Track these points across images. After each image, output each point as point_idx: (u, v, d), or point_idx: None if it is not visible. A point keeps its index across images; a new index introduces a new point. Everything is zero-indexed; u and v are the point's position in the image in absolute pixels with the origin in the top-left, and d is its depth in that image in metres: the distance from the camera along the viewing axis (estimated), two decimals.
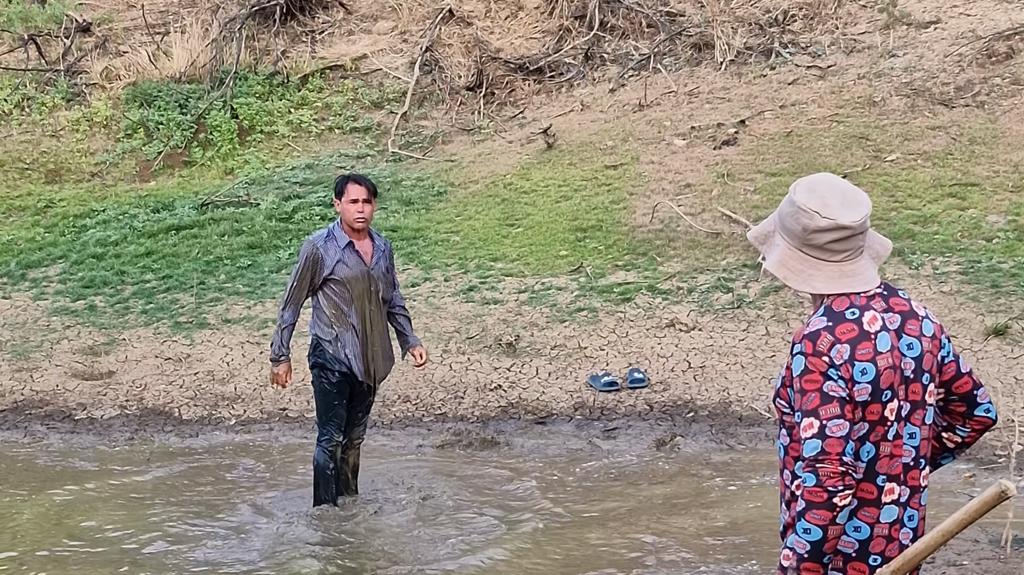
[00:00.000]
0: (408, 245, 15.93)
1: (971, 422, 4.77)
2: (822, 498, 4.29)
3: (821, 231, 4.45)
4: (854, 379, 4.38)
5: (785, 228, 4.54)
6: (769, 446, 11.93)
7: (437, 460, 12.06)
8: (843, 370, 4.37)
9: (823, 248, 4.47)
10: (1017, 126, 16.37)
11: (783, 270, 4.53)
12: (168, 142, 19.33)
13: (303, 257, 10.21)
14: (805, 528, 4.33)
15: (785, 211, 4.55)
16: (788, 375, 4.50)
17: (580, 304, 14.37)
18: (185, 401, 13.64)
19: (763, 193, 15.87)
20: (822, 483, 4.29)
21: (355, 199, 10.23)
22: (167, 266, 16.08)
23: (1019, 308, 13.16)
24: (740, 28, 19.77)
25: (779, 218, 4.59)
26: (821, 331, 4.40)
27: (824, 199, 4.46)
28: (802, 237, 4.48)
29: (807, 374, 4.37)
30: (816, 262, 4.49)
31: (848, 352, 4.38)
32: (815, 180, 4.55)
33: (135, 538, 10.01)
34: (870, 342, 4.42)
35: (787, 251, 4.53)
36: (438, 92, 20.18)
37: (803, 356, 4.40)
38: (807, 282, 4.49)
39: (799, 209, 4.48)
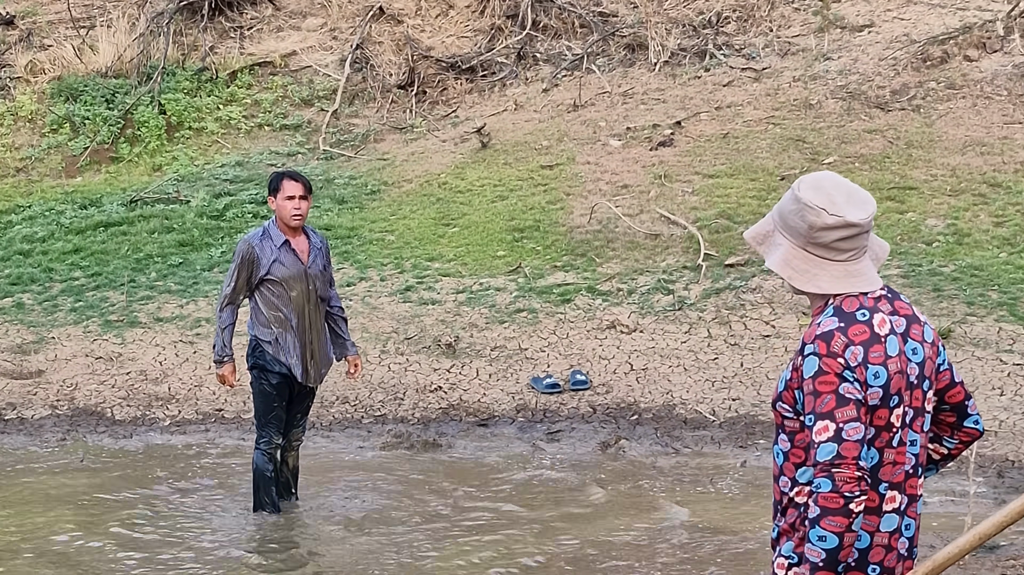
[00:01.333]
0: (342, 244, 15.72)
1: (959, 434, 4.66)
2: (838, 504, 4.15)
3: (828, 229, 4.31)
4: (868, 382, 4.25)
5: (788, 227, 4.39)
6: (715, 449, 11.86)
7: (378, 463, 11.87)
8: (858, 372, 4.24)
9: (829, 247, 4.34)
10: (953, 130, 16.41)
11: (788, 270, 4.39)
12: (95, 138, 19.00)
13: (238, 256, 10.01)
14: (820, 536, 4.18)
15: (788, 209, 4.39)
16: (796, 377, 4.35)
17: (519, 305, 14.23)
18: (118, 401, 13.37)
19: (701, 194, 15.81)
20: (839, 489, 4.15)
21: (291, 196, 10.04)
22: (96, 263, 15.79)
23: (961, 312, 13.16)
24: (674, 29, 19.71)
25: (780, 217, 4.43)
26: (834, 332, 4.27)
27: (831, 196, 4.33)
28: (807, 235, 4.35)
29: (821, 375, 4.23)
30: (821, 261, 4.36)
31: (862, 354, 4.25)
32: (820, 177, 4.42)
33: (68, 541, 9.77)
34: (881, 345, 4.29)
35: (791, 250, 4.39)
36: (369, 90, 19.98)
37: (817, 357, 4.25)
38: (812, 282, 4.36)
39: (805, 206, 4.33)
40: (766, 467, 11.12)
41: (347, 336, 10.56)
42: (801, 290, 4.41)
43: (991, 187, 15.29)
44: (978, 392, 12.10)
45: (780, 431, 4.48)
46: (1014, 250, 14.17)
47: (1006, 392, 12.14)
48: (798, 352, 4.34)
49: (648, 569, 9.01)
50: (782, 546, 4.45)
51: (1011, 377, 12.32)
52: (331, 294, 10.44)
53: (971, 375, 12.32)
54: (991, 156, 15.83)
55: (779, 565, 4.42)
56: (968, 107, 16.80)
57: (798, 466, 4.41)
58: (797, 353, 4.36)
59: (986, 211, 14.90)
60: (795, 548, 4.39)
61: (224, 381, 10.23)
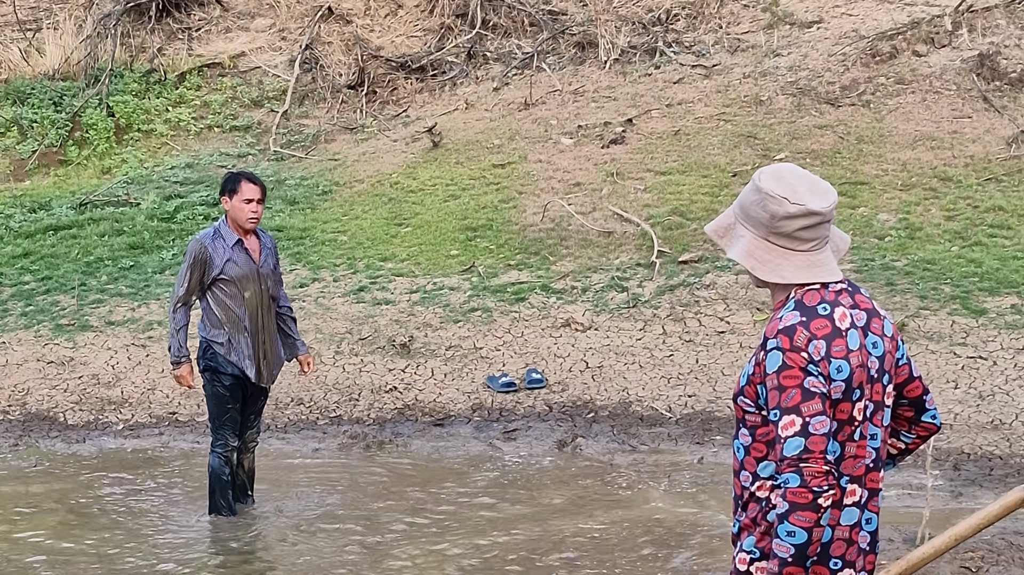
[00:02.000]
0: (295, 245, 15.65)
1: (917, 428, 4.65)
2: (807, 499, 4.13)
3: (791, 218, 4.30)
4: (831, 376, 4.24)
5: (750, 218, 4.38)
6: (672, 446, 11.85)
7: (334, 464, 11.81)
8: (821, 366, 4.22)
9: (791, 236, 4.33)
10: (903, 125, 16.47)
11: (750, 260, 4.37)
12: (43, 141, 18.86)
13: (190, 256, 9.92)
14: (789, 531, 4.15)
15: (750, 199, 4.38)
16: (759, 372, 4.32)
17: (474, 304, 14.20)
18: (70, 406, 13.26)
19: (653, 192, 15.81)
20: (807, 483, 4.13)
21: (249, 199, 9.98)
22: (46, 267, 15.65)
23: (914, 306, 13.21)
24: (623, 27, 19.72)
25: (741, 208, 4.42)
26: (796, 326, 4.25)
27: (792, 186, 4.33)
28: (770, 225, 4.34)
29: (786, 370, 4.21)
30: (784, 251, 4.35)
31: (825, 348, 4.24)
32: (780, 168, 4.42)
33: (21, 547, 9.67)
34: (843, 339, 4.28)
35: (753, 241, 4.38)
36: (319, 90, 19.91)
37: (780, 351, 4.23)
38: (776, 271, 4.35)
39: (767, 196, 4.32)
40: (723, 463, 11.13)
41: (297, 336, 10.51)
42: (764, 280, 4.39)
43: (942, 181, 15.36)
44: (933, 386, 12.15)
45: (741, 425, 4.45)
46: (965, 244, 14.24)
47: (960, 385, 12.19)
48: (760, 346, 4.32)
49: (608, 565, 8.98)
50: (743, 541, 4.42)
51: (965, 370, 12.37)
52: (280, 294, 10.39)
53: (925, 368, 12.36)
54: (941, 150, 15.90)
55: (741, 560, 4.40)
56: (917, 102, 16.87)
57: (759, 460, 4.38)
58: (759, 347, 4.33)
59: (937, 205, 14.97)
60: (757, 543, 4.37)
61: (182, 382, 10.15)
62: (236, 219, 9.98)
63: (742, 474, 4.46)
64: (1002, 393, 12.04)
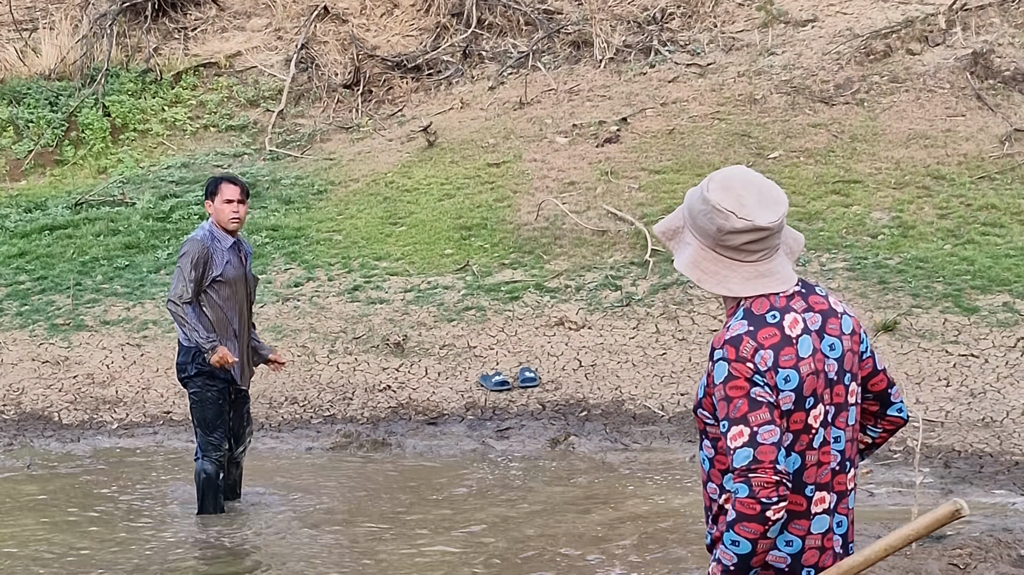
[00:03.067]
0: (289, 244, 15.69)
1: (883, 422, 4.56)
2: (755, 510, 4.07)
3: (737, 232, 4.19)
4: (778, 387, 4.16)
5: (697, 226, 4.26)
6: (664, 444, 11.89)
7: (328, 463, 11.85)
8: (768, 377, 4.14)
9: (738, 249, 4.22)
10: (897, 123, 16.50)
11: (696, 271, 4.26)
12: (38, 141, 18.89)
13: (192, 255, 9.88)
14: (734, 540, 4.10)
15: (697, 209, 4.26)
16: (709, 382, 4.28)
17: (468, 303, 14.23)
18: (65, 405, 13.30)
19: (647, 190, 15.84)
20: (755, 494, 4.06)
21: (229, 199, 10.01)
22: (41, 267, 15.69)
23: (907, 304, 13.24)
24: (618, 26, 19.75)
25: (689, 214, 4.31)
26: (743, 336, 4.17)
27: (740, 198, 4.21)
28: (716, 237, 4.22)
29: (732, 380, 4.15)
30: (731, 263, 4.24)
31: (772, 358, 4.16)
32: (730, 176, 4.28)
33: (16, 545, 9.69)
34: (792, 347, 4.19)
35: (700, 251, 4.26)
36: (315, 90, 19.94)
37: (726, 362, 4.16)
38: (722, 284, 4.24)
39: (713, 208, 4.20)
40: None
41: (259, 341, 10.56)
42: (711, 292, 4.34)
43: (935, 180, 15.39)
44: (924, 383, 12.19)
45: (704, 437, 4.39)
46: (958, 242, 14.26)
47: (952, 383, 12.22)
48: (709, 357, 4.27)
49: (603, 562, 9.00)
50: (716, 552, 4.41)
51: (957, 368, 12.40)
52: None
53: (917, 366, 12.40)
54: (934, 149, 15.93)
55: (714, 570, 4.39)
56: (911, 100, 16.89)
57: (724, 472, 4.31)
58: (708, 358, 4.29)
59: (930, 203, 14.99)
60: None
61: (225, 361, 10.08)
62: (219, 221, 10.02)
63: (709, 486, 4.41)
64: (993, 391, 12.07)
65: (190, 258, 9.90)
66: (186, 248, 10.01)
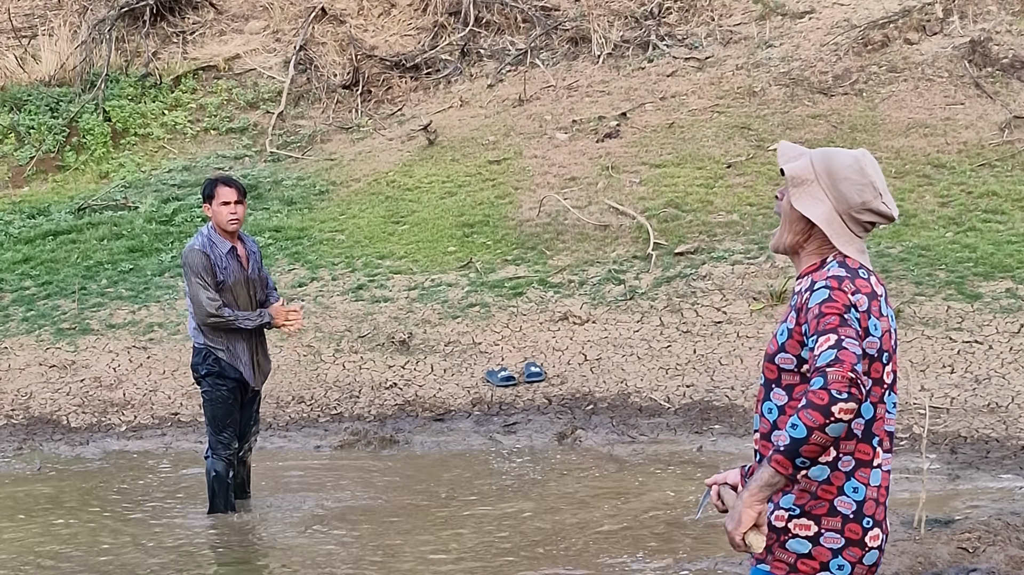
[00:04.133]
0: (293, 245, 15.73)
1: None
2: (823, 400, 4.14)
3: (873, 212, 4.48)
4: (869, 331, 4.39)
5: (837, 190, 4.49)
6: (671, 436, 11.94)
7: (336, 461, 11.89)
8: (861, 318, 4.36)
9: (861, 224, 4.49)
10: (896, 113, 16.55)
11: (830, 228, 4.49)
12: (40, 147, 18.92)
13: (198, 267, 9.89)
14: (793, 424, 4.17)
15: (846, 176, 4.49)
16: (800, 317, 4.42)
17: (472, 300, 14.28)
18: (73, 408, 13.34)
19: (648, 184, 15.88)
20: (828, 385, 4.15)
21: (226, 201, 10.05)
22: (46, 272, 15.74)
23: (910, 292, 13.28)
24: (616, 21, 19.79)
25: (828, 176, 4.52)
26: (844, 278, 4.39)
27: (883, 185, 4.52)
28: (854, 207, 4.48)
29: (830, 302, 4.32)
30: (849, 233, 4.50)
31: (866, 303, 4.39)
32: (874, 160, 4.58)
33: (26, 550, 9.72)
34: (878, 302, 4.45)
35: (832, 212, 4.50)
36: (314, 91, 19.97)
37: (828, 289, 4.35)
38: (848, 245, 4.49)
39: (869, 184, 4.47)
40: (723, 452, 11.23)
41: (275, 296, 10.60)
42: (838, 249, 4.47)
43: (935, 168, 15.44)
44: (929, 370, 12.24)
45: (774, 386, 4.51)
46: (960, 229, 14.31)
47: (956, 370, 12.27)
48: (806, 289, 4.43)
49: (613, 554, 9.04)
50: (780, 499, 4.48)
51: (961, 355, 12.45)
52: (268, 290, 10.48)
53: (922, 354, 12.45)
54: (934, 138, 15.97)
55: (778, 517, 4.47)
56: (910, 90, 16.94)
57: None
58: (804, 291, 4.44)
59: (931, 192, 15.04)
60: (796, 500, 4.44)
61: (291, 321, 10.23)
62: (218, 223, 10.05)
63: (775, 434, 4.52)
64: (998, 376, 12.12)
65: (198, 269, 9.92)
66: (187, 260, 10.01)
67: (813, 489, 4.42)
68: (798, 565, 4.43)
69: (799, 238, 4.56)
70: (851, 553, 4.43)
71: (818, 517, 4.41)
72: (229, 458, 10.16)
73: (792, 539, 4.45)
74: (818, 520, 4.41)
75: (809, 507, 4.41)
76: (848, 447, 4.41)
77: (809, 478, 4.42)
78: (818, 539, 4.41)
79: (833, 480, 4.41)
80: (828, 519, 4.42)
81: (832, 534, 4.42)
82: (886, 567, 7.89)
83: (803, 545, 4.43)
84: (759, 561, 4.53)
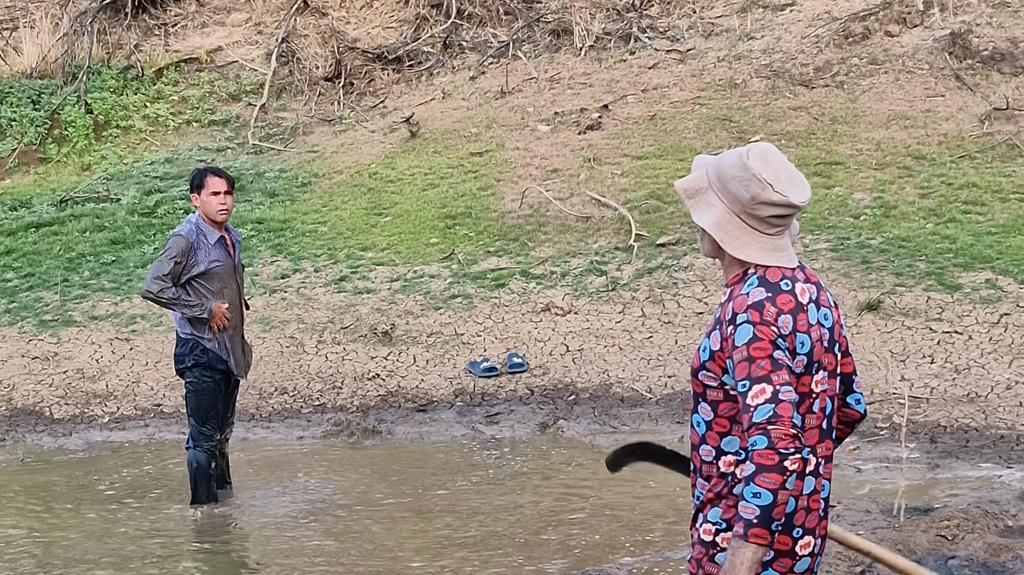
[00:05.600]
0: (275, 237, 15.75)
1: (839, 413, 4.71)
2: (773, 460, 4.19)
3: (769, 204, 4.37)
4: (796, 351, 4.33)
5: (727, 191, 4.41)
6: (652, 426, 11.97)
7: (319, 451, 11.91)
8: (788, 341, 4.30)
9: (763, 220, 4.39)
10: (877, 105, 16.60)
11: (721, 232, 4.41)
12: (22, 139, 18.91)
13: (174, 249, 9.92)
14: (755, 493, 4.19)
15: (732, 174, 4.41)
16: (727, 346, 4.35)
17: (454, 291, 14.31)
18: (55, 400, 13.35)
19: (630, 176, 15.92)
20: (774, 445, 4.18)
21: (216, 191, 10.08)
22: (28, 264, 15.74)
23: (890, 283, 13.34)
24: (598, 14, 19.82)
25: (718, 178, 4.44)
26: (764, 302, 4.32)
27: (777, 173, 4.38)
28: (746, 204, 4.39)
29: (756, 342, 4.27)
30: (752, 231, 4.41)
31: (791, 323, 4.32)
32: (766, 151, 4.44)
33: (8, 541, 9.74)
34: (805, 314, 4.37)
35: (725, 214, 4.42)
36: (296, 83, 19.98)
37: (751, 325, 4.28)
38: (742, 249, 4.40)
39: (754, 177, 4.36)
40: None
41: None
42: (731, 255, 4.44)
43: (916, 160, 15.49)
44: (909, 360, 12.30)
45: (701, 400, 4.51)
46: (940, 220, 14.37)
47: (936, 360, 12.33)
48: (728, 322, 4.37)
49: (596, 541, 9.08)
50: (707, 513, 4.49)
51: (941, 345, 12.51)
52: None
53: (902, 344, 12.51)
54: (915, 129, 16.03)
55: (706, 531, 4.46)
56: (891, 82, 16.99)
57: (722, 435, 4.45)
58: (726, 323, 4.37)
59: (911, 183, 15.10)
60: (723, 515, 4.44)
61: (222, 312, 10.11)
62: (207, 213, 10.08)
63: (703, 448, 4.52)
64: (978, 366, 12.18)
65: (172, 252, 9.95)
66: (170, 243, 10.05)
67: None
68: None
69: (712, 246, 4.50)
70: (781, 564, 4.44)
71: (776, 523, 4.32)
72: (211, 449, 10.19)
73: (720, 553, 4.42)
74: None
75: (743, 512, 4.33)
76: None
77: (734, 495, 4.41)
78: None
79: None
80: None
81: None
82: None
83: None
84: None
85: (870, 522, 8.84)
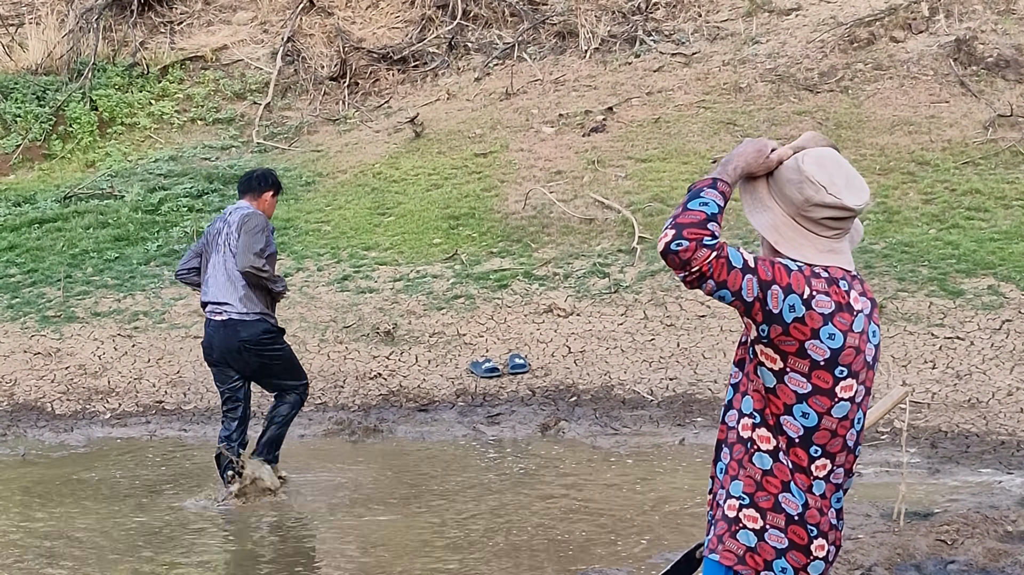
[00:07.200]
0: (278, 235, 15.72)
1: None
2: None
3: (822, 206, 4.42)
4: (820, 337, 4.34)
5: (782, 194, 4.48)
6: (653, 428, 11.98)
7: (320, 450, 11.92)
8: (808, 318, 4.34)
9: (817, 222, 4.44)
10: (881, 110, 16.61)
11: (775, 234, 4.47)
12: (26, 135, 18.94)
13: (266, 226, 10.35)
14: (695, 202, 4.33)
15: (786, 177, 4.46)
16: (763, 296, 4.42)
17: (457, 291, 14.32)
18: (57, 396, 13.37)
19: (634, 179, 15.94)
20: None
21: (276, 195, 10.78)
22: (32, 260, 15.76)
23: (892, 288, 13.35)
24: (603, 16, 19.83)
25: (775, 181, 4.51)
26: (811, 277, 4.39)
27: (832, 176, 4.43)
28: (800, 206, 4.44)
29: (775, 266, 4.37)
30: (807, 233, 4.45)
31: (830, 308, 4.37)
32: (824, 155, 4.48)
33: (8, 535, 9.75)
34: (851, 316, 4.40)
35: (781, 217, 4.48)
36: (301, 82, 20.00)
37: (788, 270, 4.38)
38: (797, 250, 4.44)
39: (807, 179, 4.42)
40: (704, 444, 11.27)
41: None
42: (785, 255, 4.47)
43: (919, 165, 15.50)
44: (911, 365, 12.30)
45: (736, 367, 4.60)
46: (943, 226, 14.38)
47: (938, 365, 12.33)
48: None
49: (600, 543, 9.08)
50: (730, 487, 4.53)
51: (942, 350, 12.51)
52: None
53: (903, 349, 12.51)
54: (919, 135, 16.04)
55: (730, 506, 4.50)
56: (895, 87, 17.00)
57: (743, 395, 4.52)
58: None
59: (915, 189, 15.11)
60: (744, 488, 4.47)
61: None
62: (268, 212, 10.61)
63: (728, 414, 4.57)
64: (979, 372, 12.19)
65: (263, 228, 10.32)
66: (255, 221, 10.34)
67: (758, 478, 4.45)
68: (746, 558, 4.45)
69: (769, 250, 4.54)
70: (794, 557, 4.46)
71: (764, 511, 4.43)
72: None
73: (742, 530, 4.47)
74: (764, 514, 4.43)
75: (757, 498, 4.43)
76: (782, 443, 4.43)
77: (754, 464, 4.47)
78: (763, 535, 4.43)
79: (776, 472, 4.43)
80: (773, 515, 4.44)
81: (776, 532, 4.44)
82: (864, 558, 7.96)
83: (750, 538, 4.45)
84: (711, 551, 4.57)
85: (870, 526, 8.85)
